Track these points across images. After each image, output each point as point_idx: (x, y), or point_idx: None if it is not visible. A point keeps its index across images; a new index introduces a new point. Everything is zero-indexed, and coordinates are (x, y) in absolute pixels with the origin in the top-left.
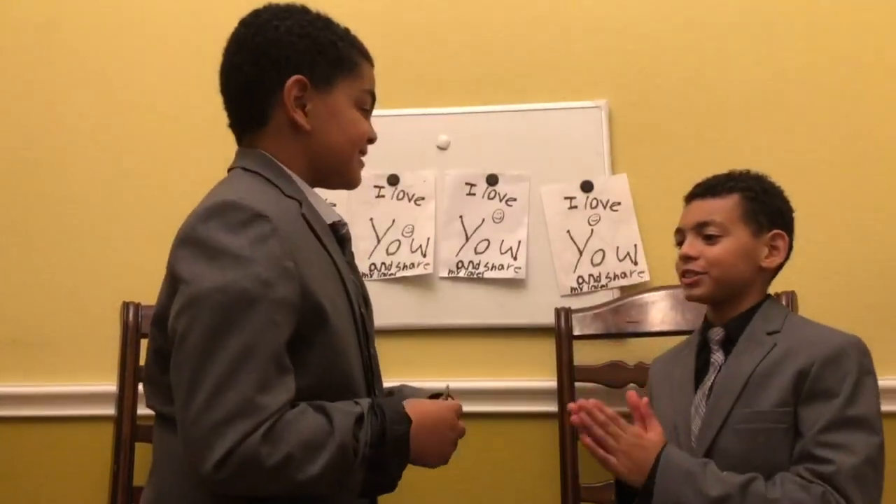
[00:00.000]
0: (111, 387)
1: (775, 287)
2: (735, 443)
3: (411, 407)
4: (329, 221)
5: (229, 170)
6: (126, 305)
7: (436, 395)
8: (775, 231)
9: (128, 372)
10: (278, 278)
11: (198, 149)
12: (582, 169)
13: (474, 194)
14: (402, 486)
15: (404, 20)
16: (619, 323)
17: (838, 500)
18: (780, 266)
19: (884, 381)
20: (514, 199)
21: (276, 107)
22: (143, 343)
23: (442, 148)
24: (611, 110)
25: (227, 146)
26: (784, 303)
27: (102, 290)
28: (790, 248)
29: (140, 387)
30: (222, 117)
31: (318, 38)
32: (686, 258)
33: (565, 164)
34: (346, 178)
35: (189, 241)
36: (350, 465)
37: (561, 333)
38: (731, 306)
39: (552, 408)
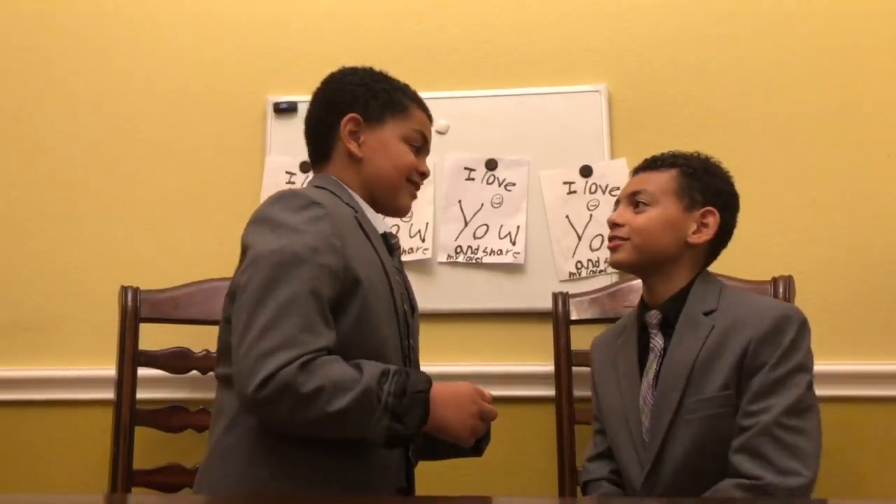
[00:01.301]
0: (110, 371)
1: (772, 272)
2: (686, 433)
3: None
4: (381, 231)
5: None
6: (124, 290)
7: None
8: (707, 208)
9: (126, 356)
10: (325, 249)
11: (195, 135)
12: (581, 153)
13: (473, 179)
14: None
15: (404, 4)
16: (617, 307)
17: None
18: (715, 246)
19: (877, 366)
20: (514, 184)
21: (337, 140)
22: (143, 327)
23: (441, 132)
24: (610, 94)
25: (222, 134)
26: (781, 287)
27: (101, 274)
28: (726, 229)
29: (139, 371)
30: (218, 106)
31: (373, 86)
32: (613, 225)
33: (564, 148)
34: (395, 204)
35: (257, 219)
36: (374, 408)
37: (559, 318)
38: (662, 284)
39: (550, 392)
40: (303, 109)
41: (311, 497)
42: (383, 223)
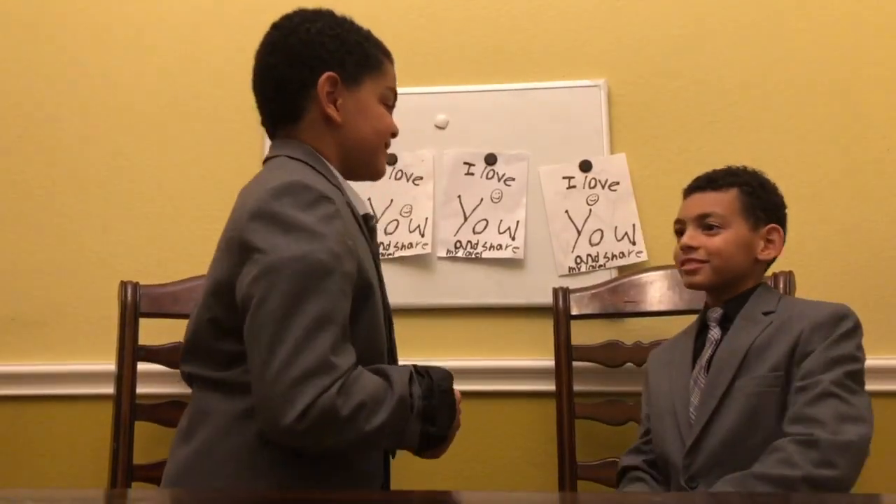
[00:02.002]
0: (110, 366)
1: (773, 267)
2: (733, 410)
3: None
4: (361, 213)
5: (268, 158)
6: (124, 285)
7: None
8: (771, 225)
9: (126, 351)
10: (345, 254)
11: (193, 131)
12: (581, 148)
13: (473, 174)
14: (400, 465)
15: None
16: (617, 303)
17: (824, 457)
18: (775, 258)
19: (880, 361)
20: (513, 179)
21: (310, 102)
22: (142, 322)
23: (440, 127)
24: (610, 89)
25: (222, 129)
26: (781, 282)
27: (101, 270)
28: (783, 241)
29: (139, 366)
30: (218, 101)
31: (345, 38)
32: (687, 248)
33: (564, 143)
34: (373, 168)
35: (262, 215)
36: (408, 416)
37: (559, 313)
38: (728, 293)
39: (550, 387)
40: None
41: (313, 493)
42: (361, 202)
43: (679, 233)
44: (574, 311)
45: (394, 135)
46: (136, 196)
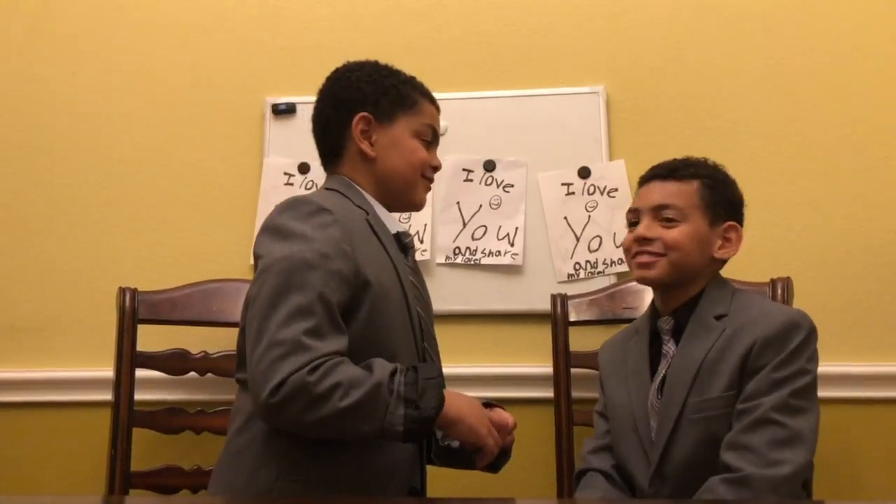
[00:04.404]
0: (108, 372)
1: (771, 273)
2: (690, 432)
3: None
4: (393, 231)
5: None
6: (122, 291)
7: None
8: (729, 223)
9: (124, 357)
10: (335, 254)
11: (194, 136)
12: (579, 155)
13: (472, 180)
14: None
15: (402, 5)
16: (615, 309)
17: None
18: (728, 259)
19: (876, 367)
20: (512, 186)
21: (348, 140)
22: (141, 328)
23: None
24: (608, 96)
25: (220, 135)
26: (780, 289)
27: (99, 276)
28: (741, 240)
29: (137, 372)
30: (216, 107)
31: (381, 83)
32: (643, 239)
33: (563, 150)
34: (409, 199)
35: (267, 229)
36: (387, 400)
37: (557, 319)
38: (677, 293)
39: (548, 394)
40: (301, 110)
41: (314, 498)
42: (396, 223)
43: (632, 223)
44: (572, 318)
45: (435, 168)
46: (134, 202)
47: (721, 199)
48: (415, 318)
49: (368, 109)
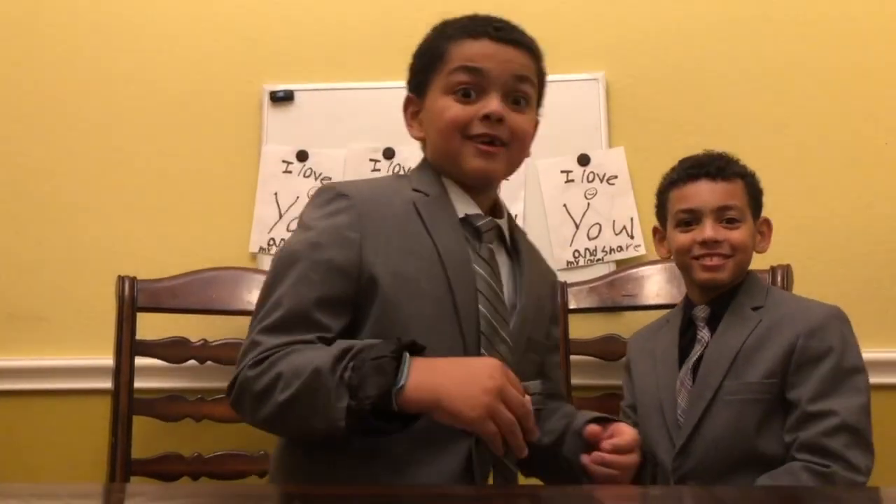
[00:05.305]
0: (108, 360)
1: (770, 260)
2: (724, 414)
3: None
4: (461, 214)
5: None
6: (122, 279)
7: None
8: (764, 217)
9: (124, 345)
10: (331, 243)
11: (191, 124)
12: (579, 142)
13: None
14: None
15: None
16: (615, 296)
17: (845, 472)
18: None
19: (876, 353)
20: None
21: (407, 126)
22: (140, 317)
23: None
24: (608, 83)
25: (218, 123)
26: (779, 276)
27: (98, 264)
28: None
29: (137, 360)
30: (214, 95)
31: (417, 52)
32: (713, 242)
33: (562, 137)
34: (461, 170)
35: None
36: (327, 389)
37: (556, 307)
38: (718, 288)
39: None
40: (299, 97)
41: (319, 487)
42: (470, 204)
43: (685, 223)
44: (572, 305)
45: (486, 117)
46: (133, 190)
47: (758, 194)
48: (464, 311)
49: (411, 90)
